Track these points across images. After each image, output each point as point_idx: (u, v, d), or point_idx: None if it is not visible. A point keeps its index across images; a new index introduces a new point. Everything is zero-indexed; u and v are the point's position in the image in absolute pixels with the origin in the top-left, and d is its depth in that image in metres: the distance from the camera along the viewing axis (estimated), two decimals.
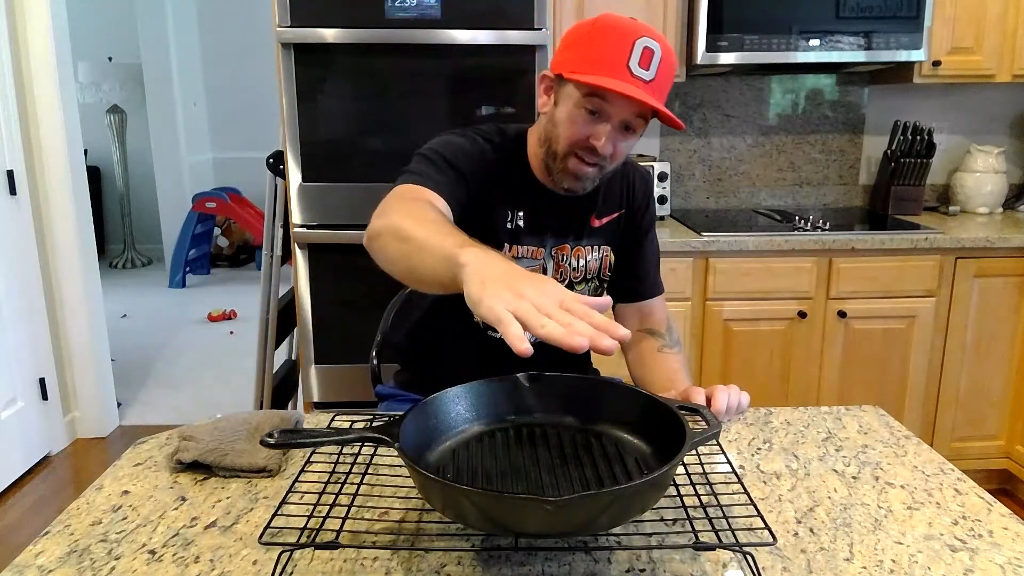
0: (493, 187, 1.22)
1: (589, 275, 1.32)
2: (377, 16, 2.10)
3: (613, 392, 0.94)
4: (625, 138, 1.15)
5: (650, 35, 1.08)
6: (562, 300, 0.71)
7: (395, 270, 0.97)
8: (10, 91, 2.68)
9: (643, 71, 1.07)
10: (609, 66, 1.07)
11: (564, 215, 1.27)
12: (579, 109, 1.12)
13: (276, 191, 2.57)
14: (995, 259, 2.36)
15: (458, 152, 1.19)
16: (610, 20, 1.11)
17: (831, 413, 1.17)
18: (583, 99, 1.11)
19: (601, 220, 1.31)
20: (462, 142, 1.21)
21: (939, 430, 2.47)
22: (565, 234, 1.28)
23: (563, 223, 1.27)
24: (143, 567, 0.78)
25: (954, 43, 2.47)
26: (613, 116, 1.11)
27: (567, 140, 1.14)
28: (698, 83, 2.82)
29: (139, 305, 5.05)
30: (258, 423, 1.04)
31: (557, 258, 1.28)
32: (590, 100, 1.10)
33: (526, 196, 1.25)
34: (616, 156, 1.16)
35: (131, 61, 5.81)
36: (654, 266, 1.40)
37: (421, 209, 1.02)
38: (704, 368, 2.39)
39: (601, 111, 1.11)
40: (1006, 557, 0.79)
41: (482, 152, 1.21)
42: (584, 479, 0.82)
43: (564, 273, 1.29)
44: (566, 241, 1.28)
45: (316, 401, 2.36)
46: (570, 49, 1.14)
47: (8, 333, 2.67)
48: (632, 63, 1.06)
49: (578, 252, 1.30)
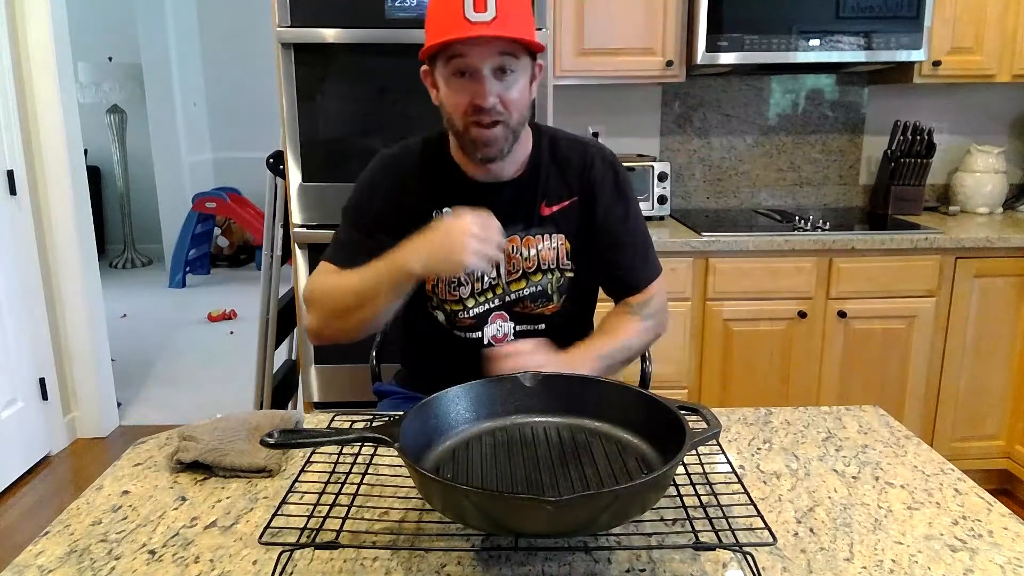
0: (419, 194, 1.26)
1: (544, 265, 1.27)
2: (377, 16, 2.10)
3: (613, 392, 0.94)
4: (506, 82, 1.14)
5: None
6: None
7: (349, 322, 1.19)
8: (10, 91, 2.68)
9: (480, 14, 1.07)
10: (446, 25, 1.09)
11: (508, 205, 1.24)
12: (450, 80, 1.14)
13: (276, 191, 2.57)
14: (995, 259, 2.36)
15: (364, 197, 1.30)
16: None
17: (831, 413, 1.17)
18: (447, 68, 1.13)
19: (551, 207, 1.27)
20: (370, 176, 1.31)
21: (939, 430, 2.47)
22: (513, 224, 1.24)
23: (508, 213, 1.21)
24: (143, 567, 0.78)
25: (954, 43, 2.47)
26: (478, 65, 1.11)
27: (457, 113, 1.15)
28: (698, 83, 2.82)
29: (139, 305, 5.05)
30: (258, 423, 1.04)
31: (507, 249, 1.25)
32: (450, 64, 1.13)
33: (457, 193, 1.24)
34: (511, 104, 1.15)
35: (131, 61, 5.81)
36: (639, 254, 1.32)
37: (334, 286, 1.21)
38: (704, 368, 2.39)
39: (466, 68, 1.12)
40: (1006, 557, 0.79)
41: (395, 168, 1.28)
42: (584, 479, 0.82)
43: (516, 264, 1.26)
44: (515, 231, 1.25)
45: (316, 401, 2.36)
46: (424, 33, 1.16)
47: (8, 333, 2.67)
48: (467, 10, 1.07)
49: (528, 241, 1.26)
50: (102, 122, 5.89)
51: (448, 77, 1.14)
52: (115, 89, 5.79)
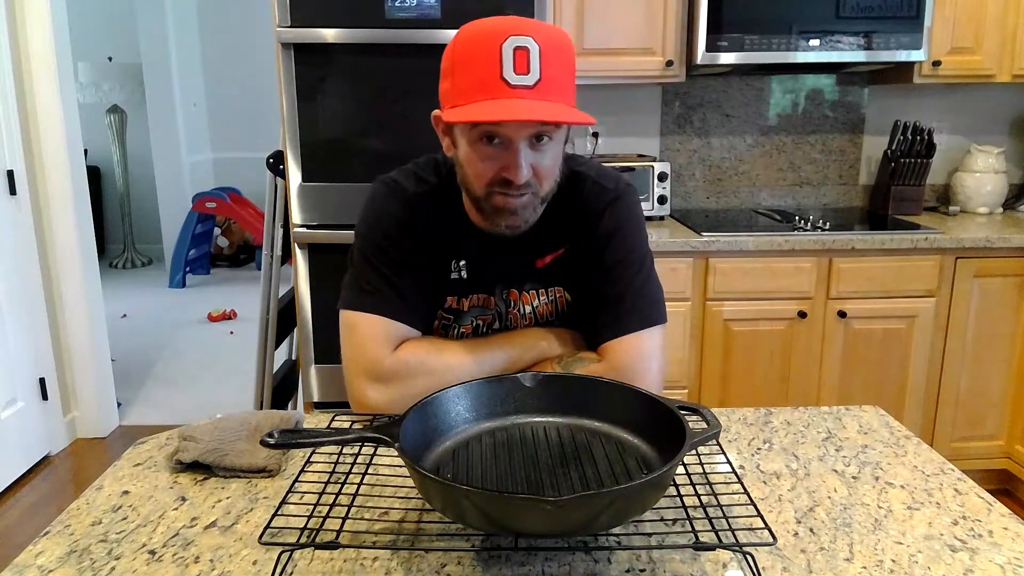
0: (432, 238, 1.11)
1: (542, 320, 1.16)
2: (377, 16, 2.10)
3: (613, 392, 0.94)
4: (542, 151, 0.98)
5: (520, 30, 0.92)
6: None
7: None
8: (10, 91, 2.68)
9: (522, 77, 0.91)
10: (482, 86, 0.92)
11: (507, 258, 1.12)
12: (476, 145, 0.98)
13: (276, 191, 2.57)
14: (995, 259, 2.36)
15: (396, 235, 1.10)
16: (470, 30, 0.96)
17: (831, 413, 1.17)
18: (474, 132, 0.97)
19: (545, 259, 1.14)
20: (389, 211, 1.10)
21: (939, 430, 2.47)
22: (511, 279, 1.14)
23: (507, 267, 1.13)
24: (143, 567, 0.78)
25: (954, 43, 2.47)
26: (514, 138, 0.95)
27: (480, 182, 1.00)
28: (698, 83, 2.82)
29: (139, 305, 5.05)
30: (258, 423, 1.04)
31: (508, 303, 1.15)
32: (481, 129, 0.96)
33: (466, 243, 1.12)
34: (544, 173, 1.00)
35: (131, 61, 5.81)
36: (630, 306, 1.10)
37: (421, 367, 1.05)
38: (704, 368, 2.39)
39: (499, 136, 0.96)
40: (1006, 557, 0.79)
41: (417, 208, 1.10)
42: (584, 479, 0.82)
43: (515, 320, 1.16)
44: (513, 286, 1.14)
45: (316, 401, 2.36)
46: (446, 79, 0.99)
47: (8, 333, 2.67)
48: (506, 72, 0.91)
49: (525, 298, 1.15)
50: (102, 122, 5.89)
51: (474, 142, 0.98)
52: (115, 89, 5.78)
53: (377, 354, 1.05)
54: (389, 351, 1.06)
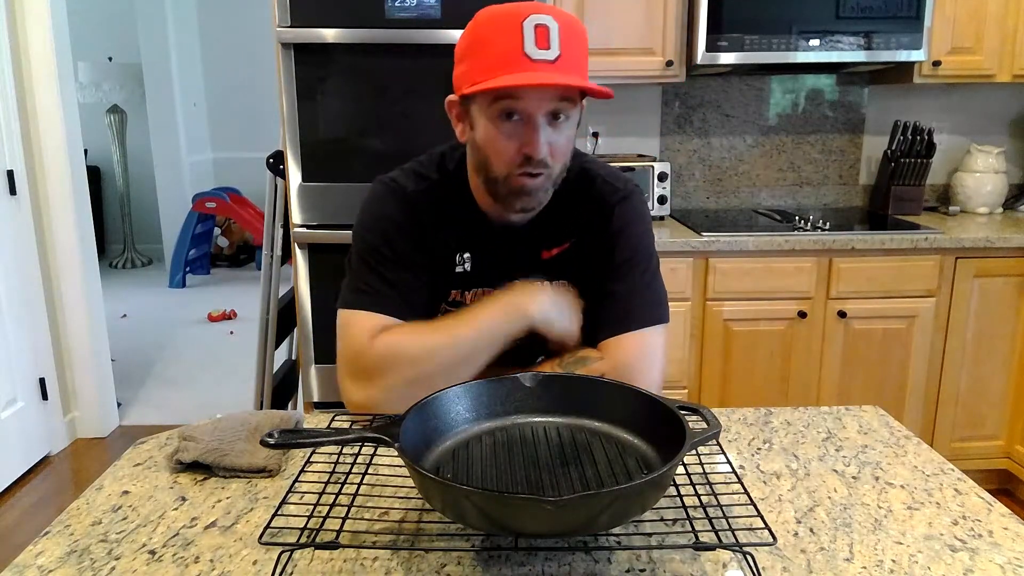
0: (437, 232, 1.11)
1: None
2: (377, 16, 2.10)
3: (613, 392, 0.94)
4: (559, 129, 1.00)
5: (539, 10, 0.95)
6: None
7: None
8: (10, 91, 2.68)
9: (543, 51, 0.94)
10: (505, 60, 0.94)
11: (513, 250, 1.13)
12: (496, 121, 0.99)
13: (276, 191, 2.57)
14: (995, 259, 2.36)
15: (391, 235, 1.09)
16: (488, 13, 0.98)
17: (831, 413, 1.17)
18: (494, 108, 0.98)
19: (551, 252, 1.15)
20: (386, 212, 1.10)
21: (939, 430, 2.47)
22: (516, 271, 1.13)
23: (511, 259, 1.13)
24: (143, 567, 0.78)
25: (954, 43, 2.47)
26: (534, 112, 0.97)
27: (501, 160, 1.01)
28: (698, 83, 2.82)
29: (139, 305, 5.06)
30: (258, 423, 1.04)
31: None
32: (501, 105, 0.97)
33: (473, 236, 1.13)
34: (558, 152, 1.02)
35: (131, 61, 5.82)
36: (635, 304, 1.11)
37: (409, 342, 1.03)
38: (704, 368, 2.39)
39: (518, 111, 0.97)
40: (1006, 557, 0.79)
41: (415, 206, 1.10)
42: (584, 479, 0.82)
43: None
44: (517, 279, 1.13)
45: (316, 401, 2.36)
46: (462, 62, 1.01)
47: (8, 333, 2.67)
48: (528, 47, 0.93)
49: None
50: (102, 122, 5.89)
51: (493, 118, 0.99)
52: (115, 89, 5.79)
53: (363, 347, 1.04)
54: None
